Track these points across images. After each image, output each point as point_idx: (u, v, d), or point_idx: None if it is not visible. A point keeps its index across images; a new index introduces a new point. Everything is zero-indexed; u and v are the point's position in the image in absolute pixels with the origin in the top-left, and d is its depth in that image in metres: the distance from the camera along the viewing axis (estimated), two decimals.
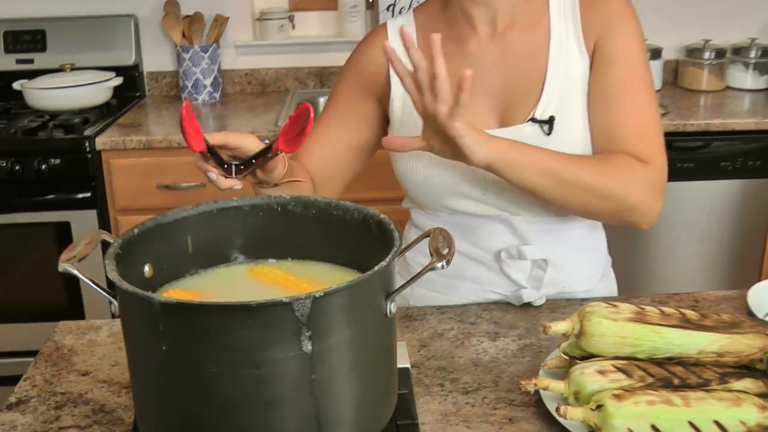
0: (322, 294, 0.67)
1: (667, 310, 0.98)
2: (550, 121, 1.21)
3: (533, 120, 1.22)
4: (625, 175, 1.19)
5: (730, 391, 0.91)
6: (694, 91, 3.09)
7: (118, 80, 2.81)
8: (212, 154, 1.08)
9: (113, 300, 0.77)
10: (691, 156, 2.64)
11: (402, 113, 1.31)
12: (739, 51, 3.11)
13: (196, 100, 2.94)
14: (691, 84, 3.12)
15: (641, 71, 1.24)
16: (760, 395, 0.91)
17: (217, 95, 2.98)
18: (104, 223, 2.50)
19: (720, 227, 2.74)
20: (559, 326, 0.96)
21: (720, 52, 3.08)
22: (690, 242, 2.75)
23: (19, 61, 2.95)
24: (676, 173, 2.63)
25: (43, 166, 2.41)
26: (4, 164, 2.40)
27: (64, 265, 0.77)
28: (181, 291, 0.88)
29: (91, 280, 0.76)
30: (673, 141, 2.61)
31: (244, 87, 3.15)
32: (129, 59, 2.98)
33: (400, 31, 1.07)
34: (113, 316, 0.77)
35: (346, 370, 0.74)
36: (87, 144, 2.43)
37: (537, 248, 1.27)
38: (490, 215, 1.28)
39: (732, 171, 2.68)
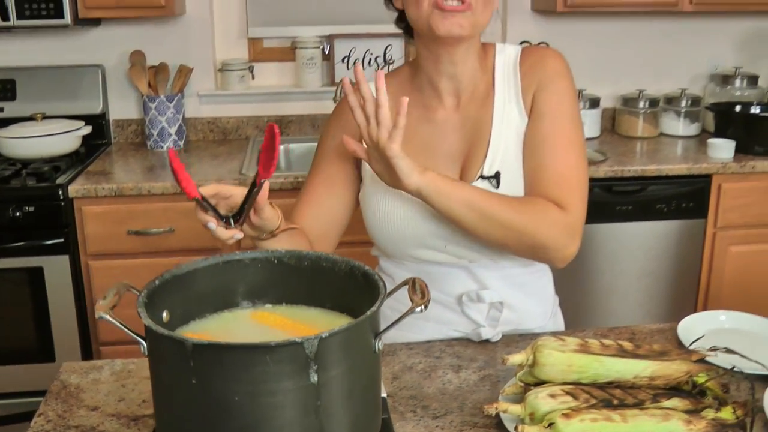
0: (327, 335, 0.82)
1: (606, 341, 1.15)
2: (497, 176, 1.37)
3: (482, 177, 1.38)
4: (540, 215, 1.32)
5: (660, 408, 1.08)
6: (630, 137, 3.31)
7: (87, 129, 2.93)
8: (208, 204, 1.19)
9: (143, 342, 0.91)
10: (629, 199, 2.84)
11: (372, 171, 1.46)
12: (671, 100, 3.34)
13: (162, 147, 3.07)
14: (627, 131, 3.35)
15: (568, 126, 1.39)
16: (686, 411, 1.08)
17: (181, 143, 3.12)
18: (76, 269, 2.60)
19: (658, 264, 2.94)
20: (516, 358, 1.12)
21: (653, 102, 3.32)
22: (630, 279, 2.94)
23: None
24: (615, 215, 2.85)
25: (18, 213, 2.52)
26: None
27: (100, 313, 0.90)
28: (191, 334, 1.02)
29: (125, 326, 0.90)
30: (613, 185, 2.81)
31: (207, 134, 3.28)
32: (96, 108, 3.11)
33: (354, 68, 1.26)
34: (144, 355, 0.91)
35: (344, 397, 0.88)
36: (60, 192, 2.54)
37: (494, 292, 1.43)
38: (451, 263, 1.43)
39: (667, 212, 2.88)
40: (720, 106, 3.24)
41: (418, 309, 0.92)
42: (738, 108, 3.25)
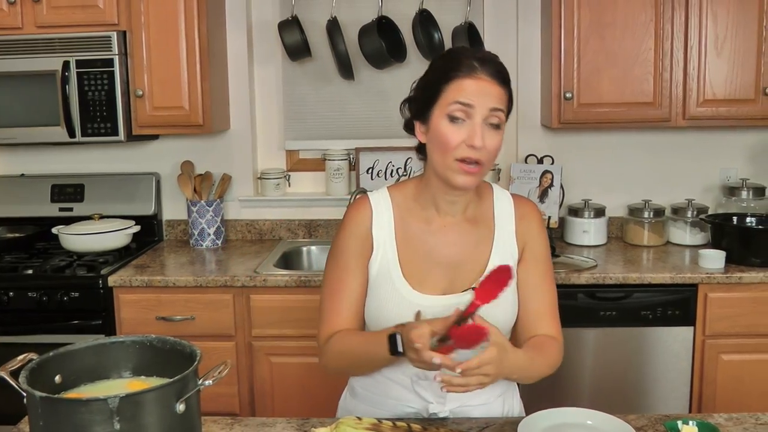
0: (124, 395, 1.18)
1: (399, 423, 1.44)
2: None
3: (473, 288, 1.66)
4: (550, 360, 1.72)
5: None
6: (636, 245, 3.50)
7: (136, 228, 3.43)
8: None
9: (24, 394, 1.28)
10: (612, 305, 3.04)
11: (378, 270, 1.74)
12: (677, 211, 3.53)
13: (201, 246, 3.53)
14: (633, 239, 3.54)
15: (551, 267, 1.82)
16: None
17: (219, 242, 3.57)
18: None
19: (647, 368, 3.07)
20: (320, 430, 1.44)
21: (659, 212, 3.50)
22: (620, 377, 3.08)
23: (61, 209, 3.62)
24: (599, 320, 3.03)
25: (65, 298, 3.00)
26: (35, 296, 3.01)
27: (0, 373, 1.29)
28: (75, 394, 1.40)
29: (15, 383, 1.28)
30: (595, 291, 3.03)
31: (245, 234, 3.73)
32: (149, 210, 3.62)
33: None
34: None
35: None
36: (101, 281, 3.02)
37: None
38: None
39: (653, 319, 3.04)
40: (716, 217, 3.39)
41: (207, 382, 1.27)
42: (735, 219, 3.40)
